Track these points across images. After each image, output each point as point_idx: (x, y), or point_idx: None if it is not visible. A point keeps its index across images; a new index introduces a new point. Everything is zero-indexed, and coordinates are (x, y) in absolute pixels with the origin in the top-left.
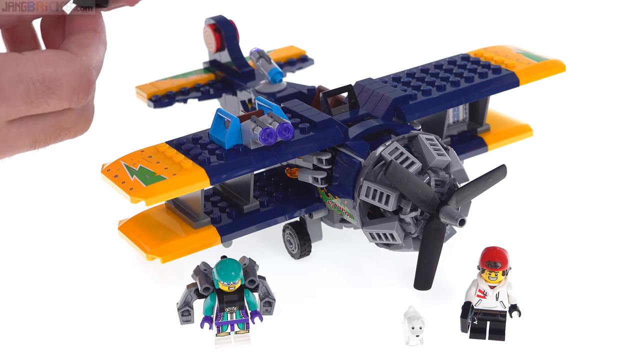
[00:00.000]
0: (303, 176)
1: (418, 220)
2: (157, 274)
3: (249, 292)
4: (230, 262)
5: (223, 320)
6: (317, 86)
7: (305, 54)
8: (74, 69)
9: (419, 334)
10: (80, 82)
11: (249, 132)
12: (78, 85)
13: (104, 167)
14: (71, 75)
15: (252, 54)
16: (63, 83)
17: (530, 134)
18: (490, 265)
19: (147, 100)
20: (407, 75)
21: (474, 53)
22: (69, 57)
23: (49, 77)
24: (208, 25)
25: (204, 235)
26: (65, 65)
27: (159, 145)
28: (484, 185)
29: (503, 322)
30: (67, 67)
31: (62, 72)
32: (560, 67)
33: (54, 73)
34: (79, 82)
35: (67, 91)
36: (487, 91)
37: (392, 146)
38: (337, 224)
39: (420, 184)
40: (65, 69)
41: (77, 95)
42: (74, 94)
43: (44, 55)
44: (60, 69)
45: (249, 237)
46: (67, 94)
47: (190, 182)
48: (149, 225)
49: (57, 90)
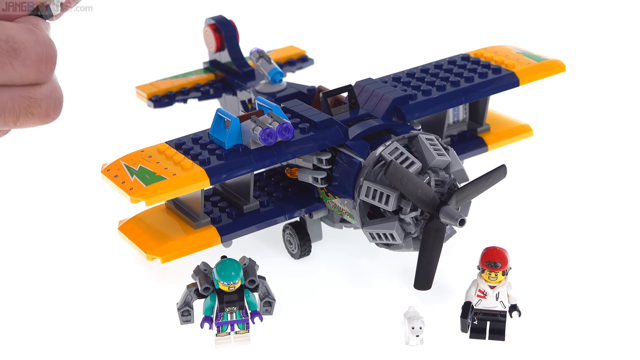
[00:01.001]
0: (303, 176)
1: (418, 220)
2: (157, 274)
3: (249, 292)
4: (230, 262)
5: (223, 320)
6: (317, 86)
7: (305, 54)
8: (38, 39)
9: (419, 334)
10: (46, 51)
11: (249, 132)
12: (44, 54)
13: (104, 167)
14: (36, 43)
15: (252, 54)
16: (28, 48)
17: (530, 134)
18: (490, 265)
19: (147, 100)
20: (407, 75)
21: (474, 53)
22: (31, 29)
23: (13, 39)
24: (208, 25)
25: (204, 235)
26: (28, 33)
27: (159, 145)
28: (484, 185)
29: (503, 322)
30: (31, 35)
31: (26, 37)
32: (560, 67)
33: (18, 36)
34: (45, 51)
35: (33, 58)
36: (487, 91)
37: (392, 146)
38: (337, 224)
39: (420, 184)
40: (29, 36)
41: (44, 64)
42: (40, 62)
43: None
44: (24, 35)
45: (249, 237)
46: (33, 61)
47: (190, 182)
48: (149, 225)
49: (22, 53)
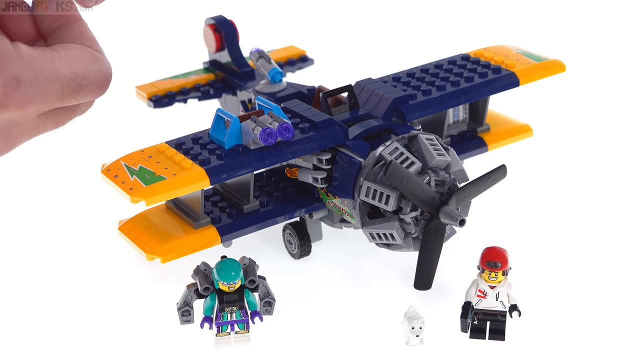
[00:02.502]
0: (303, 176)
1: (418, 220)
2: (157, 274)
3: (249, 292)
4: (230, 262)
5: (223, 320)
6: (317, 86)
7: (305, 54)
8: (101, 68)
9: (419, 334)
10: (105, 79)
11: (249, 132)
12: (103, 83)
13: (104, 167)
14: (99, 73)
15: (252, 54)
16: (92, 81)
17: (530, 134)
18: (490, 265)
19: (147, 100)
20: (407, 75)
21: (474, 53)
22: (95, 56)
23: (81, 75)
24: (208, 25)
25: (204, 235)
26: (93, 64)
27: (159, 145)
28: (484, 185)
29: (503, 322)
30: (95, 65)
31: (90, 70)
32: (560, 67)
33: (85, 71)
34: (104, 80)
35: (94, 88)
36: (487, 91)
37: (392, 146)
38: (337, 224)
39: (420, 184)
40: (93, 67)
41: (102, 90)
42: (99, 90)
43: (73, 52)
44: (89, 67)
45: (249, 237)
46: (94, 90)
47: (190, 182)
48: (149, 225)
49: (85, 88)
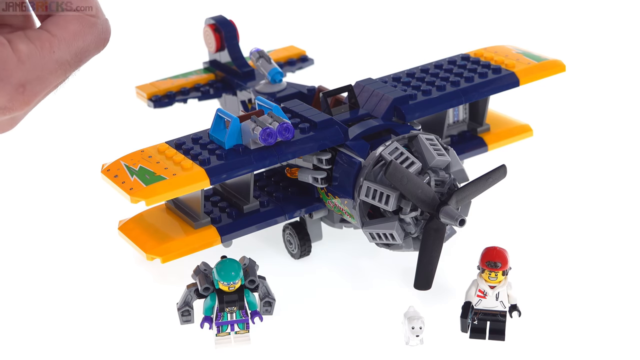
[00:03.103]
0: (303, 176)
1: (418, 220)
2: (157, 274)
3: (249, 292)
4: (230, 262)
5: (223, 320)
6: (317, 86)
7: (305, 54)
8: (99, 32)
9: (419, 334)
10: (104, 40)
11: (249, 132)
12: (102, 43)
13: (104, 167)
14: (97, 38)
15: (252, 54)
16: (91, 49)
17: (530, 134)
18: (490, 265)
19: (147, 100)
20: (407, 75)
21: (474, 53)
22: (91, 22)
23: (80, 51)
24: (208, 25)
25: (204, 235)
26: (90, 33)
27: (159, 145)
28: (484, 185)
29: (503, 322)
30: (92, 33)
31: (89, 40)
32: (560, 67)
33: (84, 44)
34: (103, 41)
35: (94, 52)
36: (487, 91)
37: (392, 146)
38: (337, 224)
39: (420, 184)
40: (91, 37)
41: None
42: (98, 51)
43: (70, 28)
44: (87, 39)
45: (249, 237)
46: (94, 54)
47: (190, 182)
48: (148, 225)
49: (86, 57)
